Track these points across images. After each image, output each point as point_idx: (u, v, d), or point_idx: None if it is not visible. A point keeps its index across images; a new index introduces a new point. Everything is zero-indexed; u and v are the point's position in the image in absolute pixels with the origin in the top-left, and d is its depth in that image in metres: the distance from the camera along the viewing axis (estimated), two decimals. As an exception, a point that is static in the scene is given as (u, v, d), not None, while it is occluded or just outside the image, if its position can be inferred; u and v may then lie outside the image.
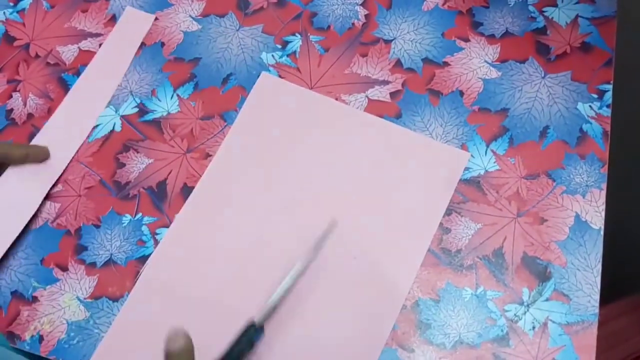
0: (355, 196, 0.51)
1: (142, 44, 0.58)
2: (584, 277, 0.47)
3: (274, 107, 0.54)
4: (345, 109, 0.54)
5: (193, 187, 0.52)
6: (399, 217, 0.50)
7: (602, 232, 0.48)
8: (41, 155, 0.53)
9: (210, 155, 0.53)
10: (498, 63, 0.55)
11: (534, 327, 0.46)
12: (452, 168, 0.51)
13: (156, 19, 0.59)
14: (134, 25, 0.59)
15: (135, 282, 0.48)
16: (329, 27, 0.58)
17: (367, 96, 0.54)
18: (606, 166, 0.50)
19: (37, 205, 0.51)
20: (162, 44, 0.58)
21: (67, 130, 0.54)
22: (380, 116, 0.53)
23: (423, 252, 0.48)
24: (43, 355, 0.47)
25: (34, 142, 0.54)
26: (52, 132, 0.54)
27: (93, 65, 0.57)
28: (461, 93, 0.54)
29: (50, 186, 0.52)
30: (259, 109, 0.54)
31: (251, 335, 0.41)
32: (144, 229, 0.50)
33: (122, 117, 0.55)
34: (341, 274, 0.48)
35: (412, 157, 0.52)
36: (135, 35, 0.58)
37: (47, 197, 0.52)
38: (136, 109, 0.55)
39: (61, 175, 0.53)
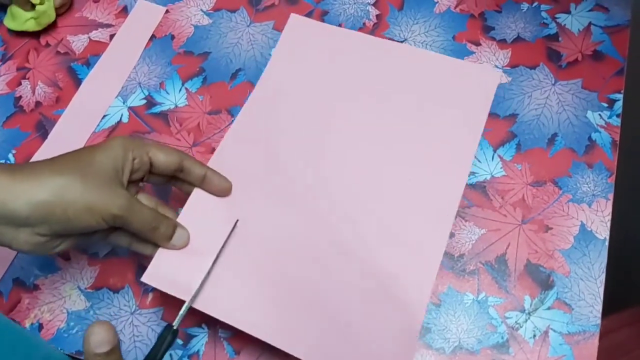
0: (391, 130, 0.51)
1: (153, 36, 0.58)
2: (587, 287, 0.47)
3: (305, 47, 0.55)
4: (376, 41, 0.56)
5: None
6: (435, 149, 0.50)
7: (607, 243, 0.48)
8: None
9: (216, 150, 0.53)
10: (508, 68, 0.54)
11: (534, 336, 0.45)
12: (485, 87, 0.52)
13: (167, 11, 0.59)
14: (146, 17, 0.59)
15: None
16: (340, 26, 0.58)
17: (375, 97, 0.54)
18: (614, 176, 0.50)
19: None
20: (173, 37, 0.58)
21: (77, 124, 0.54)
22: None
23: (461, 187, 0.49)
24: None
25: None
26: (65, 126, 0.54)
27: (105, 56, 0.57)
28: (470, 97, 0.53)
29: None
30: (291, 50, 0.55)
31: (167, 336, 0.40)
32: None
33: (130, 108, 0.55)
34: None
35: (446, 80, 0.53)
36: (146, 27, 0.58)
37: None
38: (144, 101, 0.55)
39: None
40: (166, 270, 0.43)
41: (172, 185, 0.47)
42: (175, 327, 0.41)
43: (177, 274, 0.43)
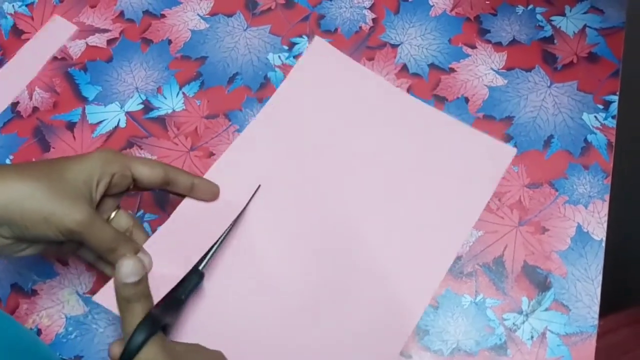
0: (392, 181, 0.50)
1: (150, 41, 0.58)
2: (584, 288, 0.47)
3: (322, 74, 0.55)
4: (392, 90, 0.54)
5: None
6: (437, 207, 0.49)
7: (603, 244, 0.48)
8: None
9: (214, 154, 0.53)
10: (504, 71, 0.55)
11: (532, 337, 0.45)
12: (496, 162, 0.51)
13: (164, 16, 0.59)
14: (56, 33, 0.59)
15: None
16: (336, 29, 0.58)
17: (372, 100, 0.54)
18: (610, 177, 0.50)
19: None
20: (170, 42, 0.58)
21: None
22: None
23: (458, 245, 0.48)
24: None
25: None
26: None
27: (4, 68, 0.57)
28: (466, 100, 0.54)
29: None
30: (309, 73, 0.55)
31: (195, 279, 0.43)
32: (145, 225, 0.50)
33: (127, 113, 0.55)
34: (369, 267, 0.48)
35: (455, 146, 0.51)
36: (53, 44, 0.58)
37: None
38: (141, 106, 0.55)
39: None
40: None
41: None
42: (201, 270, 0.43)
43: None
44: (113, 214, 0.43)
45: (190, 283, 0.43)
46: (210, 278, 0.46)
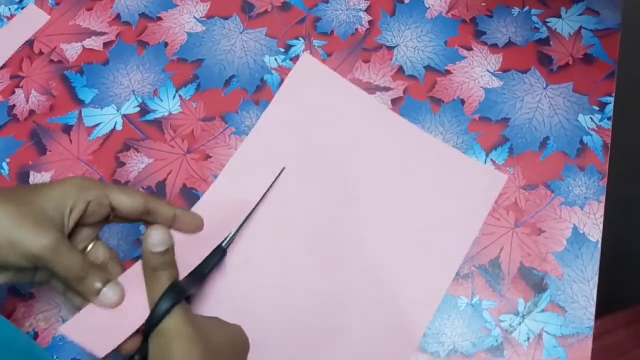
0: (383, 206, 0.50)
1: (146, 44, 0.58)
2: (580, 289, 0.47)
3: (311, 92, 0.55)
4: (383, 111, 0.54)
5: (192, 188, 0.52)
6: (428, 235, 0.49)
7: (599, 245, 0.48)
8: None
9: (211, 157, 0.53)
10: (500, 72, 0.55)
11: (528, 338, 0.45)
12: (488, 189, 0.50)
13: (160, 19, 0.60)
14: (29, 21, 0.60)
15: None
16: (332, 32, 0.58)
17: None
18: (605, 179, 0.50)
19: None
20: (166, 44, 0.58)
21: None
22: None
23: (452, 273, 0.47)
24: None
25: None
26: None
27: None
28: (462, 101, 0.54)
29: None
30: (297, 91, 0.55)
31: (218, 256, 0.45)
32: (142, 228, 0.51)
33: (124, 116, 0.55)
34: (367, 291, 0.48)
35: (447, 172, 0.51)
36: (25, 31, 0.59)
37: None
38: (138, 109, 0.55)
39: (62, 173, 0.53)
40: (92, 325, 0.39)
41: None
42: (224, 247, 0.45)
43: (104, 330, 0.39)
44: (90, 245, 0.42)
45: (213, 259, 0.45)
46: (231, 256, 0.48)
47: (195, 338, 0.36)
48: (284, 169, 0.51)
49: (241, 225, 0.48)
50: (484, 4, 0.58)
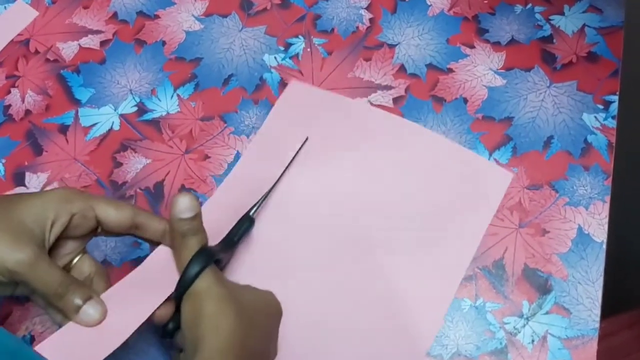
0: (390, 205, 0.49)
1: (143, 42, 0.57)
2: (585, 290, 0.46)
3: (304, 114, 0.53)
4: (382, 115, 0.52)
5: (191, 189, 0.51)
6: (435, 233, 0.48)
7: (604, 246, 0.47)
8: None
9: (209, 157, 0.52)
10: (503, 71, 0.54)
11: (533, 341, 0.45)
12: (494, 188, 0.49)
13: (158, 17, 0.59)
14: (17, 18, 0.59)
15: None
16: (332, 30, 0.57)
17: (369, 101, 0.53)
18: (610, 178, 0.49)
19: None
20: (164, 43, 0.57)
21: None
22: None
23: (461, 273, 0.47)
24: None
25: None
26: None
27: None
28: (465, 100, 0.53)
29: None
30: (287, 117, 0.53)
31: (246, 224, 0.46)
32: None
33: (121, 115, 0.54)
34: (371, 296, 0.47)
35: (452, 170, 0.50)
36: (13, 27, 0.59)
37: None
38: (135, 108, 0.55)
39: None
40: (71, 344, 0.37)
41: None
42: (252, 216, 0.46)
43: (83, 349, 0.37)
44: (76, 259, 0.40)
45: (242, 227, 0.45)
46: (259, 224, 0.48)
47: (227, 297, 0.36)
48: (307, 139, 0.51)
49: (267, 193, 0.48)
50: (486, 1, 0.58)
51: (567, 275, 0.47)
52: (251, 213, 0.47)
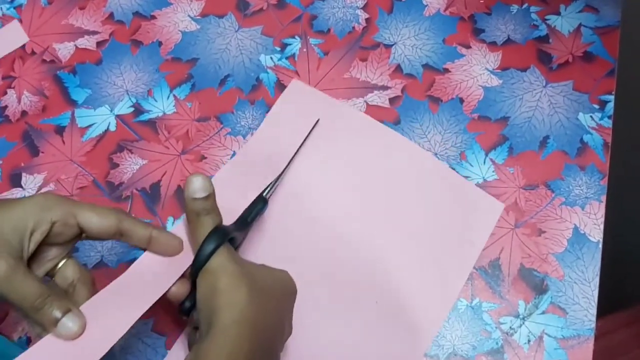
0: (379, 225, 0.49)
1: (139, 43, 0.57)
2: (581, 290, 0.46)
3: (302, 115, 0.53)
4: (379, 128, 0.52)
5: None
6: (425, 259, 0.47)
7: (600, 245, 0.47)
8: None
9: (206, 158, 0.52)
10: (499, 71, 0.54)
11: (529, 341, 0.45)
12: (485, 217, 0.49)
13: (154, 17, 0.59)
14: (11, 37, 0.58)
15: None
16: (329, 30, 0.57)
17: (365, 101, 0.53)
18: (606, 178, 0.49)
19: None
20: (160, 44, 0.57)
21: None
22: (379, 122, 0.53)
23: (454, 297, 0.46)
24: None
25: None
26: None
27: None
28: (461, 100, 0.53)
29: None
30: (286, 116, 0.53)
31: (260, 205, 0.46)
32: (136, 231, 0.50)
33: (117, 116, 0.54)
34: (363, 315, 0.46)
35: (444, 194, 0.49)
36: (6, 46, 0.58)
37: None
38: (131, 109, 0.54)
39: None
40: (50, 358, 0.36)
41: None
42: (265, 197, 0.47)
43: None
44: (61, 263, 0.39)
45: (256, 208, 0.46)
46: (272, 205, 0.49)
47: (241, 274, 0.37)
48: (318, 120, 0.52)
49: (280, 175, 0.49)
50: (482, 1, 0.58)
51: (563, 275, 0.47)
52: (265, 194, 0.47)
